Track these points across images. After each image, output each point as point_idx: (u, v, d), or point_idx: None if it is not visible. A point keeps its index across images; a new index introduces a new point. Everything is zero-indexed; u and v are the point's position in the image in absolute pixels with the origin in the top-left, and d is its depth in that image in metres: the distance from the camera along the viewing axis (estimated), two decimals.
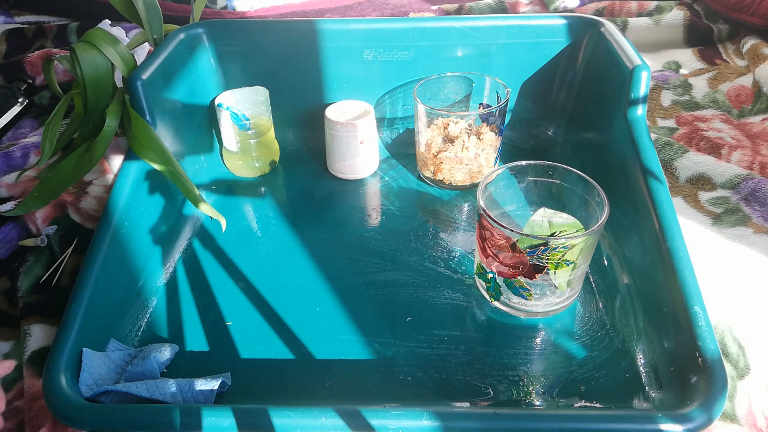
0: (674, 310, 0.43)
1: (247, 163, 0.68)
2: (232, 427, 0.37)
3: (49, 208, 0.60)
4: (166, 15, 0.70)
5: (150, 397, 0.42)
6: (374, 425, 0.37)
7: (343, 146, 0.66)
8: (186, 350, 0.49)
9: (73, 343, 0.43)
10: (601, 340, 0.49)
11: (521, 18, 0.68)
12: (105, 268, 0.48)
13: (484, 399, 0.45)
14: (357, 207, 0.65)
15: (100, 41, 0.58)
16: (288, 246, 0.59)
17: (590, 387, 0.45)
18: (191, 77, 0.66)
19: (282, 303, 0.53)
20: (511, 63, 0.69)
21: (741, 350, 0.47)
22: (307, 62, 0.69)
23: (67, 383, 0.41)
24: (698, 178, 0.64)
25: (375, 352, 0.48)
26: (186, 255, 0.58)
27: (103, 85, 0.58)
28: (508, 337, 0.49)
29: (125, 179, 0.54)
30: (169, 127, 0.61)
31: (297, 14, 1.07)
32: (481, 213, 0.47)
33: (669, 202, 0.48)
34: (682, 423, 0.36)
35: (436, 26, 0.67)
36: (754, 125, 0.72)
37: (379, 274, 0.56)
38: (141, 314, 0.52)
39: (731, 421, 0.43)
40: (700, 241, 0.57)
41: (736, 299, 0.51)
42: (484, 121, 0.65)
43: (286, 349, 0.49)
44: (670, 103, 0.78)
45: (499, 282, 0.49)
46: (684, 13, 0.91)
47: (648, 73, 0.56)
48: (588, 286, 0.53)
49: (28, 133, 0.77)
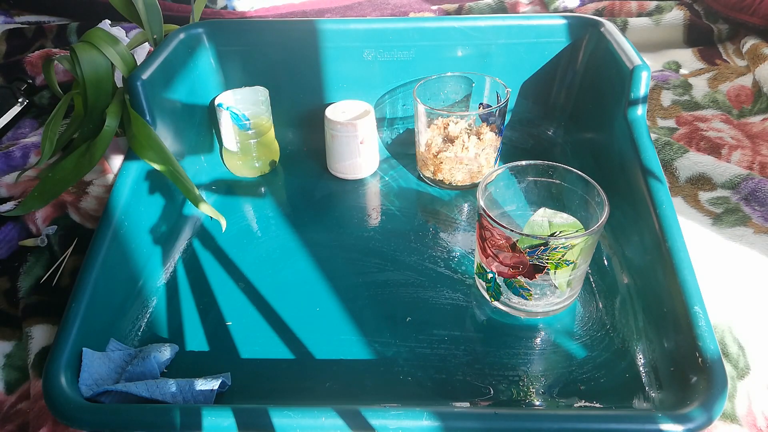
0: (674, 310, 0.43)
1: (247, 163, 0.68)
2: (232, 427, 0.37)
3: (49, 208, 0.60)
4: (166, 15, 0.70)
5: (150, 397, 0.42)
6: (374, 425, 0.37)
7: (343, 146, 0.66)
8: (186, 350, 0.49)
9: (73, 343, 0.43)
10: (601, 340, 0.49)
11: (521, 18, 0.68)
12: (105, 268, 0.48)
13: (484, 399, 0.45)
14: (357, 207, 0.65)
15: (100, 41, 0.58)
16: (288, 246, 0.59)
17: (590, 387, 0.45)
18: (191, 77, 0.66)
19: (282, 303, 0.53)
20: (511, 63, 0.69)
21: (741, 350, 0.47)
22: (307, 62, 0.69)
23: (67, 383, 0.41)
24: (698, 178, 0.64)
25: (375, 352, 0.48)
26: (186, 255, 0.59)
27: (103, 85, 0.58)
28: (508, 337, 0.49)
29: (125, 179, 0.54)
30: (169, 127, 0.61)
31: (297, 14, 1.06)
32: (481, 213, 0.47)
33: (669, 202, 0.48)
34: (682, 423, 0.36)
35: (436, 26, 0.67)
36: (754, 125, 0.72)
37: (379, 274, 0.56)
38: (141, 314, 0.52)
39: (731, 421, 0.43)
40: (700, 241, 0.57)
41: (736, 299, 0.51)
42: (484, 121, 0.65)
43: (286, 349, 0.49)
44: (670, 103, 0.78)
45: (499, 282, 0.49)
46: (684, 13, 0.91)
47: (648, 73, 0.56)
48: (588, 286, 0.53)
49: (28, 133, 0.77)
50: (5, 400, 0.47)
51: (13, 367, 0.49)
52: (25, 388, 0.47)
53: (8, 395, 0.47)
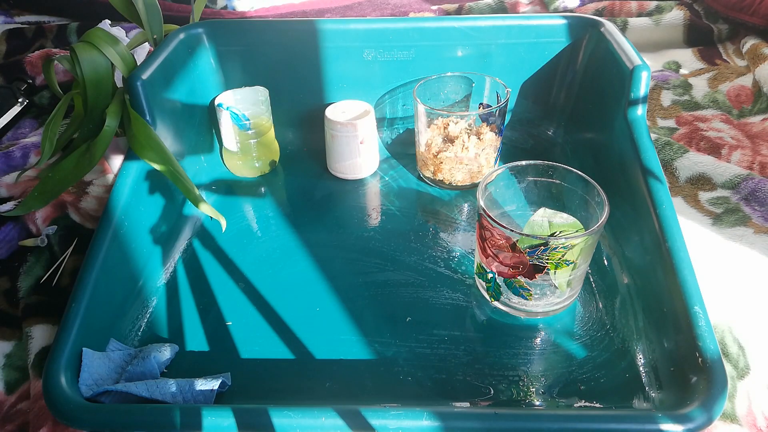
0: (674, 310, 0.43)
1: (247, 163, 0.68)
2: (232, 427, 0.37)
3: (49, 208, 0.60)
4: (166, 15, 0.70)
5: (150, 397, 0.42)
6: (374, 425, 0.37)
7: (343, 146, 0.66)
8: (186, 350, 0.49)
9: (73, 343, 0.43)
10: (601, 340, 0.49)
11: (521, 18, 0.68)
12: (105, 268, 0.48)
13: (484, 399, 0.45)
14: (357, 207, 0.65)
15: (100, 41, 0.58)
16: (288, 246, 0.59)
17: (590, 387, 0.45)
18: (191, 77, 0.66)
19: (282, 303, 0.53)
20: (511, 63, 0.69)
21: (741, 350, 0.47)
22: (307, 62, 0.69)
23: (67, 383, 0.41)
24: (698, 178, 0.64)
25: (375, 352, 0.48)
26: (186, 255, 0.58)
27: (103, 84, 0.58)
28: (508, 337, 0.49)
29: (125, 179, 0.54)
30: (169, 127, 0.61)
31: (297, 14, 1.06)
32: (481, 213, 0.47)
33: (669, 202, 0.48)
34: (682, 423, 0.36)
35: (437, 26, 0.67)
36: (754, 125, 0.72)
37: (379, 274, 0.56)
38: (141, 314, 0.52)
39: (731, 421, 0.43)
40: (700, 241, 0.57)
41: (736, 299, 0.51)
42: (484, 121, 0.65)
43: (286, 349, 0.49)
44: (670, 103, 0.78)
45: (499, 282, 0.49)
46: (684, 13, 0.91)
47: (648, 73, 0.56)
48: (588, 286, 0.53)
49: (28, 133, 0.77)
50: (5, 400, 0.47)
51: (13, 367, 0.49)
52: (25, 388, 0.47)
53: (8, 395, 0.47)
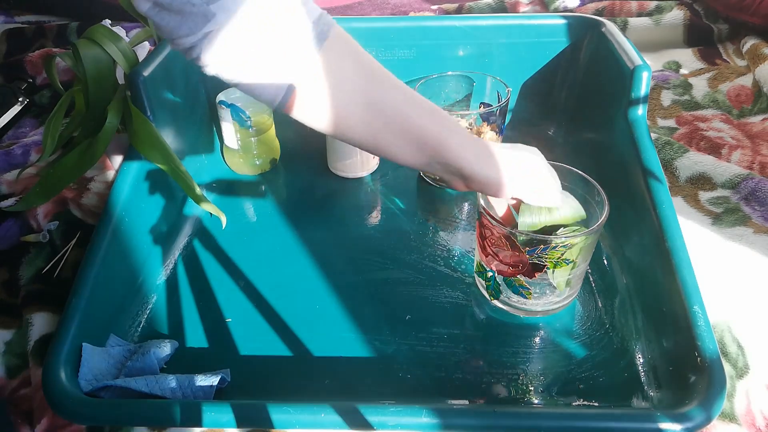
0: (673, 309, 0.43)
1: (248, 160, 0.68)
2: (231, 423, 0.37)
3: (51, 204, 0.60)
4: None
5: (149, 392, 0.42)
6: (373, 422, 0.37)
7: (344, 145, 0.66)
8: (186, 346, 0.49)
9: (73, 338, 0.43)
10: (600, 339, 0.49)
11: (522, 18, 0.68)
12: (105, 264, 0.48)
13: (483, 397, 0.45)
14: (357, 205, 0.65)
15: (102, 38, 0.58)
16: (288, 244, 0.59)
17: (589, 386, 0.45)
18: (193, 74, 0.66)
19: (282, 300, 0.53)
20: (512, 62, 0.69)
21: (740, 350, 0.47)
22: None
23: (67, 378, 0.41)
24: (698, 178, 0.64)
25: (374, 349, 0.48)
26: (186, 252, 0.59)
27: (105, 81, 0.58)
28: (507, 335, 0.49)
29: (126, 176, 0.54)
30: (170, 124, 0.61)
31: None
32: (482, 212, 0.47)
33: (669, 202, 0.48)
34: (681, 422, 0.36)
35: (438, 25, 0.67)
36: (754, 125, 0.72)
37: (379, 273, 0.56)
38: (141, 310, 0.52)
39: (730, 421, 0.43)
40: (700, 241, 0.57)
41: (736, 299, 0.51)
42: (485, 121, 0.65)
43: (286, 346, 0.49)
44: (670, 103, 0.78)
45: (498, 281, 0.49)
46: (684, 13, 0.91)
47: (648, 73, 0.56)
48: (587, 285, 0.53)
49: (29, 133, 0.77)
50: (7, 384, 0.47)
51: (13, 354, 0.49)
52: (26, 375, 0.48)
53: (9, 379, 0.48)
